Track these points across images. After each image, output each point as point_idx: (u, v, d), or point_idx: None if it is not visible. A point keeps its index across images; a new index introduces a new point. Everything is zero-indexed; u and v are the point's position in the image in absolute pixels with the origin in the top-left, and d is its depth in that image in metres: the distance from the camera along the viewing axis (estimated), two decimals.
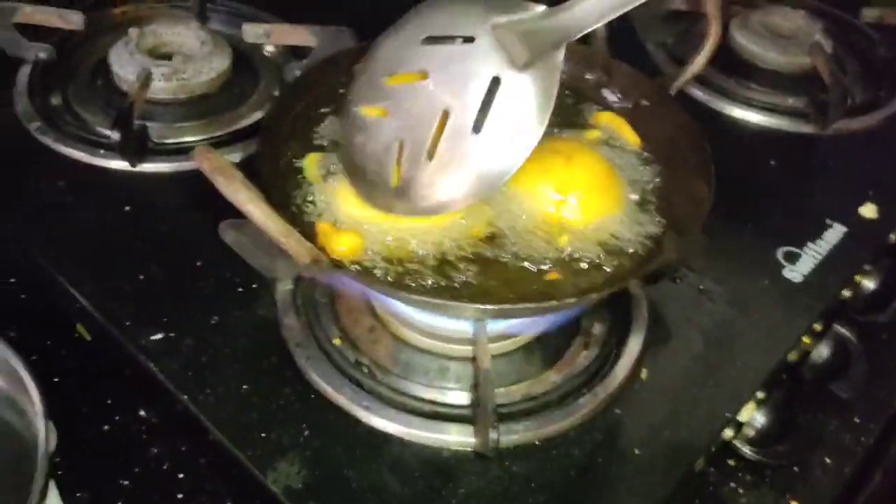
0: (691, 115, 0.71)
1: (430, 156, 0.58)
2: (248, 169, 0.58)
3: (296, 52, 0.99)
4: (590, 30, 0.57)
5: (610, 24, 0.77)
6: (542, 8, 0.59)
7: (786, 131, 0.99)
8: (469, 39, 0.59)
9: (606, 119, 0.75)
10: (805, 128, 0.99)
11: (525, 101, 0.58)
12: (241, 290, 0.74)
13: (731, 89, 1.02)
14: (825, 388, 0.80)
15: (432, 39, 0.60)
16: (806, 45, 1.05)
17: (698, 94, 1.02)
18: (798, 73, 1.05)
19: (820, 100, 0.98)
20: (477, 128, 0.57)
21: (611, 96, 0.76)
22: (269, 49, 1.00)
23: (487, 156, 0.58)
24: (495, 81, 0.58)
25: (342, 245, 0.59)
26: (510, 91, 0.58)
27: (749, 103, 1.01)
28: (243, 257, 0.68)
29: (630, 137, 0.73)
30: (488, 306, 0.57)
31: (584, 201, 0.65)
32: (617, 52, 0.81)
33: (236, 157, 0.86)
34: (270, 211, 0.51)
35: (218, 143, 0.88)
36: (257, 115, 0.92)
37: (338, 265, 0.56)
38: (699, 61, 0.71)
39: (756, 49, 1.06)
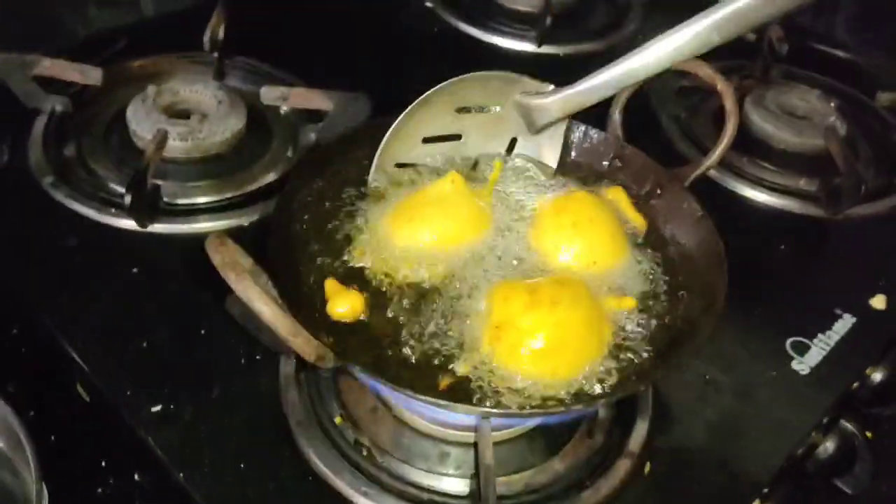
0: (703, 205, 0.71)
1: None
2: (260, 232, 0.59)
3: (311, 114, 0.99)
4: (584, 107, 0.73)
5: (626, 108, 0.79)
6: (550, 87, 0.74)
7: (797, 213, 0.98)
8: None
9: (613, 193, 0.75)
10: (816, 211, 0.98)
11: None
12: (244, 361, 0.74)
13: (743, 168, 1.02)
14: (830, 483, 0.79)
15: (464, 109, 0.75)
16: (820, 126, 1.05)
17: (711, 171, 1.01)
18: (811, 155, 1.05)
19: (832, 184, 0.97)
20: None
21: (623, 182, 0.76)
22: (284, 110, 1.01)
23: None
24: (513, 140, 0.78)
25: (344, 305, 0.61)
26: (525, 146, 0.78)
27: (761, 183, 1.01)
28: (249, 331, 0.68)
29: (633, 217, 0.74)
30: (492, 409, 0.57)
31: (525, 355, 0.60)
32: (632, 125, 0.81)
33: (246, 219, 0.86)
34: (279, 309, 0.50)
35: (229, 205, 0.88)
36: (270, 177, 0.92)
37: (344, 361, 0.55)
38: (715, 156, 0.72)
39: (770, 129, 1.06)
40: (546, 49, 1.21)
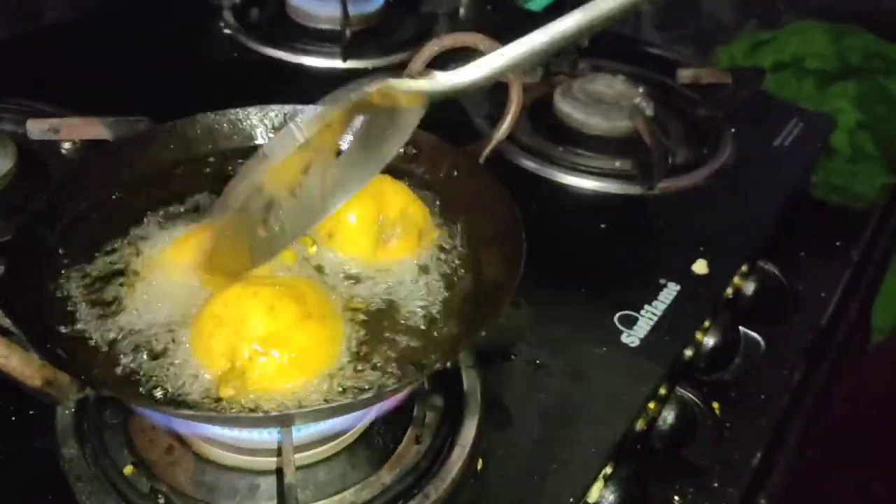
0: (505, 180, 0.68)
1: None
2: None
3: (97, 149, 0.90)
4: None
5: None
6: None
7: (615, 194, 0.98)
8: None
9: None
10: (633, 189, 0.98)
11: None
12: (14, 418, 0.64)
13: (558, 156, 1.01)
14: (677, 455, 0.76)
15: None
16: (628, 109, 1.06)
17: (528, 163, 1.00)
18: (622, 137, 1.05)
19: (645, 161, 0.98)
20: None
21: (419, 169, 0.72)
22: (66, 146, 0.92)
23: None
24: None
25: None
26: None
27: (576, 169, 1.00)
28: (11, 379, 0.59)
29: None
30: (269, 414, 0.50)
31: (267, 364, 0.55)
32: (442, 126, 0.77)
33: None
34: None
35: None
36: None
37: (87, 382, 0.47)
38: (504, 127, 0.69)
39: (579, 116, 1.06)
40: (352, 64, 1.18)
